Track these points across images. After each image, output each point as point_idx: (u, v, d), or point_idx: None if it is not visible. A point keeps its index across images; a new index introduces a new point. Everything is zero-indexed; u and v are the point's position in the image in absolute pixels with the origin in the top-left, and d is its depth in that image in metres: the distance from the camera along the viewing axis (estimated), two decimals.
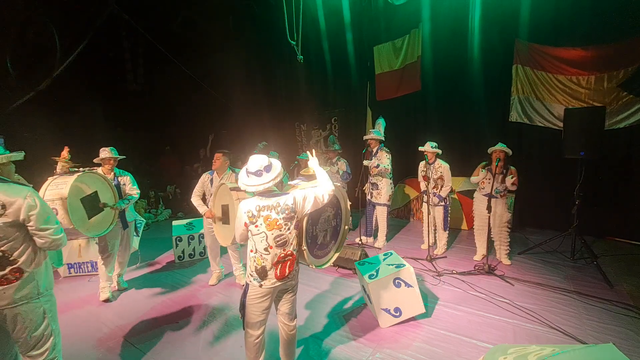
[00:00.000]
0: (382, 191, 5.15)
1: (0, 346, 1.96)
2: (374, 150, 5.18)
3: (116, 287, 4.07)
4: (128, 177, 3.93)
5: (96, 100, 8.47)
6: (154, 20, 8.04)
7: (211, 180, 3.97)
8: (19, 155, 2.07)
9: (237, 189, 2.80)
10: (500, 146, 4.23)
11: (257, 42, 8.84)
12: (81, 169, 3.14)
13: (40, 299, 1.99)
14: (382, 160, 5.07)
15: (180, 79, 8.60)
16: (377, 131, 5.26)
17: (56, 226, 2.02)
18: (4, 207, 1.83)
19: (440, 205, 4.81)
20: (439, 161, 4.73)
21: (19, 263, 1.90)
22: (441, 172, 4.70)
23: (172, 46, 8.21)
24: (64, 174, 2.98)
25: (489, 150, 4.33)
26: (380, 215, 5.26)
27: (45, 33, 6.40)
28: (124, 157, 3.95)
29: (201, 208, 3.87)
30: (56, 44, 6.33)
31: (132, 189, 3.93)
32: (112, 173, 3.83)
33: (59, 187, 2.78)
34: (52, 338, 2.03)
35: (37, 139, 6.44)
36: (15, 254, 1.90)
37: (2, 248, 1.86)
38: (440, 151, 4.72)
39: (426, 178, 4.70)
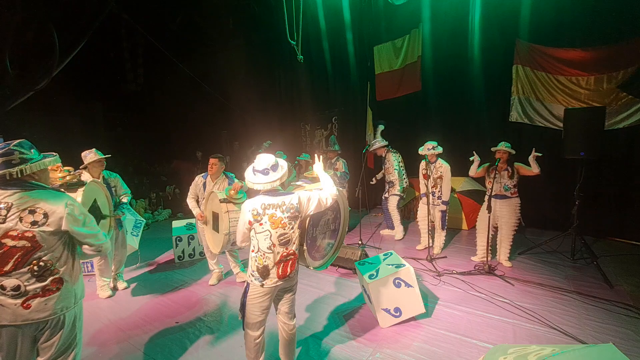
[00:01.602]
0: (396, 184, 5.58)
1: (26, 358, 1.83)
2: (383, 155, 5.66)
3: (112, 285, 4.05)
4: (117, 179, 3.85)
5: (95, 99, 8.48)
6: (154, 20, 8.04)
7: (204, 184, 3.95)
8: (57, 159, 1.96)
9: (227, 201, 2.81)
10: (505, 146, 4.23)
11: (257, 42, 8.84)
12: (75, 175, 3.00)
13: (75, 308, 1.92)
14: (390, 161, 5.55)
15: (180, 79, 8.61)
16: (381, 139, 5.61)
17: (99, 232, 1.95)
18: (46, 216, 1.74)
19: (439, 206, 4.81)
20: (440, 161, 4.74)
21: (60, 273, 1.82)
22: (441, 172, 4.70)
23: (172, 46, 8.22)
24: (61, 188, 2.75)
25: (492, 149, 4.34)
26: (392, 206, 5.65)
27: (44, 32, 6.40)
28: (110, 155, 3.79)
29: (195, 210, 3.92)
30: (55, 43, 6.31)
31: (123, 193, 3.85)
32: (102, 176, 3.69)
33: None
34: (75, 348, 1.95)
35: (36, 138, 6.42)
36: (57, 264, 1.82)
37: (44, 258, 1.76)
38: (440, 150, 4.71)
39: (426, 176, 4.72)
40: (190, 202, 3.98)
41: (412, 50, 6.94)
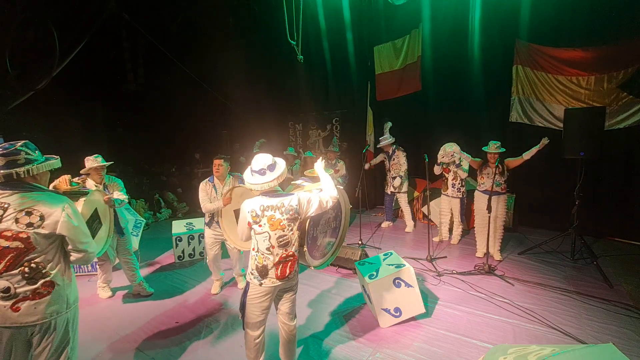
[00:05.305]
0: (403, 182, 5.90)
1: None
2: (390, 152, 5.87)
3: (136, 291, 3.96)
4: (117, 184, 3.73)
5: (96, 100, 8.49)
6: (154, 20, 8.04)
7: (214, 187, 3.76)
8: (58, 162, 1.93)
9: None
10: (497, 149, 4.36)
11: (257, 42, 8.84)
12: (77, 183, 2.96)
13: (68, 312, 1.88)
14: (401, 159, 5.81)
15: (180, 79, 8.60)
16: (390, 136, 5.81)
17: (90, 240, 1.92)
18: (42, 218, 1.72)
19: (457, 198, 5.10)
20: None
21: (51, 276, 1.78)
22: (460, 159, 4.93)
23: (172, 46, 8.21)
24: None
25: (484, 149, 4.48)
26: (404, 201, 6.01)
27: (44, 33, 6.40)
28: (112, 162, 3.72)
29: (215, 205, 3.53)
30: (56, 43, 6.31)
31: (119, 194, 3.64)
32: (103, 182, 3.61)
33: None
34: (69, 352, 1.91)
35: (36, 138, 6.43)
36: (49, 266, 1.77)
37: (35, 260, 1.73)
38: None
39: (447, 170, 5.04)
40: (207, 205, 3.63)
41: (412, 50, 6.93)
